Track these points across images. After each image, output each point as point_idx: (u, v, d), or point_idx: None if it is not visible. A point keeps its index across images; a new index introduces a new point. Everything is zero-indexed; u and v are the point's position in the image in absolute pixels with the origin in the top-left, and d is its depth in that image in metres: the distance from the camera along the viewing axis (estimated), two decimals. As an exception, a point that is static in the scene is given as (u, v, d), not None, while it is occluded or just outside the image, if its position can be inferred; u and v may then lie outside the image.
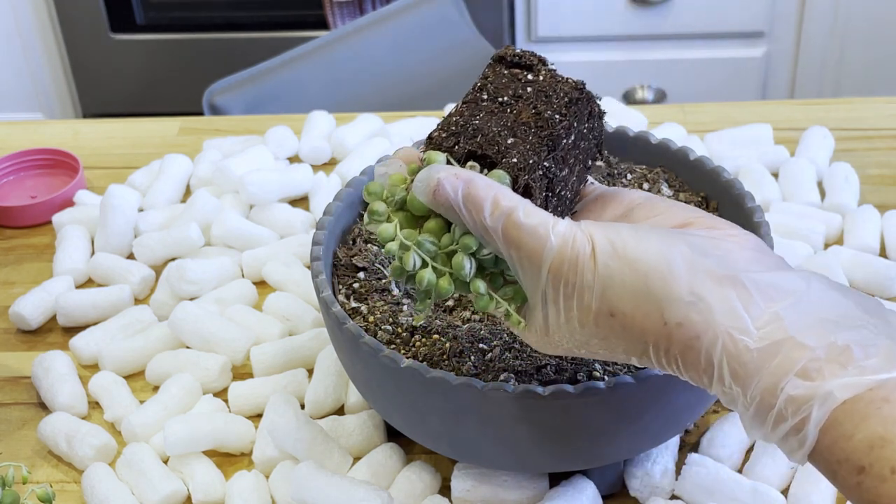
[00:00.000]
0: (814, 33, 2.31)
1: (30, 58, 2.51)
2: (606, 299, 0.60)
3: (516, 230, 0.61)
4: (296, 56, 1.71)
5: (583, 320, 0.61)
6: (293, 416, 0.83)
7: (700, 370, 0.59)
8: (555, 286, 0.61)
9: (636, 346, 0.61)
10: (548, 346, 0.64)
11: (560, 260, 0.61)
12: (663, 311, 0.59)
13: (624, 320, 0.60)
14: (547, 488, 0.80)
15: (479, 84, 0.71)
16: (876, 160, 1.17)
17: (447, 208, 0.62)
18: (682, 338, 0.59)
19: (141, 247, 1.05)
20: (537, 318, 0.63)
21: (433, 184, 0.62)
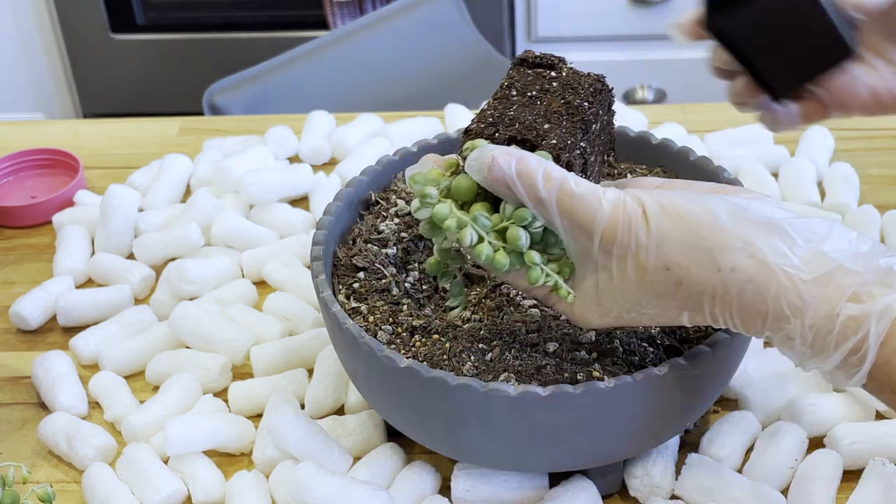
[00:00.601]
0: (814, 33, 2.31)
1: (30, 58, 2.51)
2: (661, 254, 0.64)
3: (569, 198, 0.65)
4: (296, 56, 1.71)
5: (639, 279, 0.65)
6: (293, 416, 0.83)
7: (754, 313, 0.63)
8: (608, 250, 0.65)
9: (690, 300, 0.65)
10: (594, 314, 0.68)
11: (613, 223, 0.65)
12: (717, 259, 0.63)
13: (679, 272, 0.64)
14: (547, 488, 0.80)
15: (505, 83, 0.75)
16: (876, 160, 1.17)
17: (501, 184, 0.66)
18: (737, 282, 0.63)
19: (141, 247, 1.05)
20: (587, 286, 0.67)
21: (488, 160, 0.66)
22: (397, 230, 0.86)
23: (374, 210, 0.89)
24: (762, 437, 0.84)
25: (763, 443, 0.83)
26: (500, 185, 0.66)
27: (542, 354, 0.75)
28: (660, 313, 0.67)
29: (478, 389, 0.71)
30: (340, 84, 1.72)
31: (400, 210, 0.87)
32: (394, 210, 0.88)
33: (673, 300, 0.65)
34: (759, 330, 0.65)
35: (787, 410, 0.86)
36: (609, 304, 0.67)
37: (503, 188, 0.66)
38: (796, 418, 0.85)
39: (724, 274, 0.63)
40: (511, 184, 0.66)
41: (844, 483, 0.81)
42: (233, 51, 2.42)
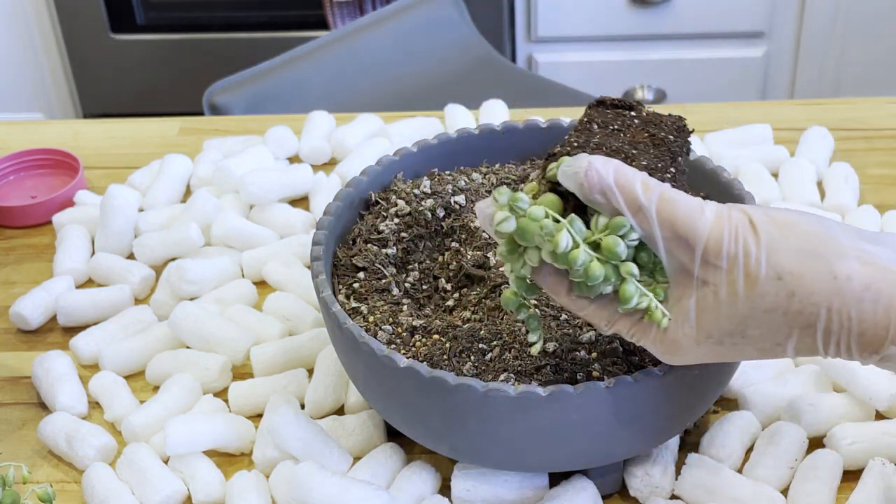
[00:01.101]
0: (814, 33, 2.31)
1: (30, 58, 2.51)
2: (773, 262, 0.61)
3: (671, 206, 0.62)
4: (296, 56, 1.71)
5: (748, 291, 0.61)
6: (293, 416, 0.83)
7: (874, 325, 0.60)
8: (713, 262, 0.61)
9: (803, 315, 0.61)
10: (690, 342, 0.64)
11: (718, 232, 0.61)
12: (832, 267, 0.60)
13: (792, 281, 0.60)
14: (547, 488, 0.80)
15: (584, 119, 0.72)
16: (876, 160, 1.17)
17: (597, 190, 0.62)
18: (855, 291, 0.60)
19: (141, 247, 1.05)
20: (684, 307, 0.63)
21: (584, 166, 0.62)
22: (397, 230, 0.86)
23: (374, 210, 0.89)
24: (762, 437, 0.84)
25: (763, 443, 0.83)
26: (595, 193, 0.62)
27: (541, 354, 0.75)
28: (765, 336, 0.62)
29: (478, 389, 0.71)
30: (340, 84, 1.72)
31: (400, 210, 0.87)
32: (394, 210, 0.88)
33: (783, 316, 0.61)
34: (880, 346, 0.61)
35: (787, 410, 0.86)
36: (709, 326, 0.63)
37: (599, 196, 0.62)
38: (796, 418, 0.85)
39: (841, 282, 0.60)
40: (608, 190, 0.62)
41: (844, 483, 0.81)
42: (233, 51, 2.42)
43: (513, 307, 0.69)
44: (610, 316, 0.67)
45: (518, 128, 0.93)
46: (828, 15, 2.28)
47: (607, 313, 0.67)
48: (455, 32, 1.86)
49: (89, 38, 2.44)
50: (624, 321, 0.66)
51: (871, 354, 0.62)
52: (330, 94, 1.68)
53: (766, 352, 0.64)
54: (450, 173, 0.92)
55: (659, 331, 0.65)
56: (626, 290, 0.64)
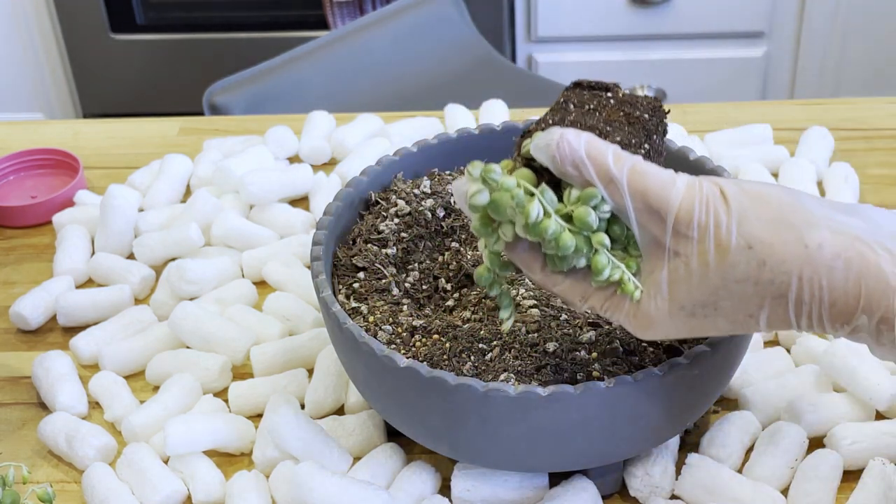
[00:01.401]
0: (814, 33, 2.31)
1: (30, 58, 2.51)
2: (744, 232, 0.61)
3: (642, 177, 0.62)
4: (296, 56, 1.71)
5: (719, 261, 0.61)
6: (293, 416, 0.83)
7: (845, 294, 0.60)
8: (684, 232, 0.62)
9: (774, 284, 0.61)
10: (662, 314, 0.64)
11: (689, 203, 0.62)
12: (803, 235, 0.61)
13: (763, 250, 0.61)
14: (547, 488, 0.80)
15: (561, 100, 0.73)
16: (876, 160, 1.17)
17: (569, 162, 0.63)
18: (825, 259, 0.60)
19: (141, 247, 1.05)
20: (656, 280, 0.64)
21: (556, 138, 0.63)
22: (397, 230, 0.86)
23: (374, 210, 0.89)
24: (762, 437, 0.84)
25: (763, 443, 0.83)
26: (567, 165, 0.63)
27: (542, 354, 0.75)
28: (737, 307, 0.63)
29: (478, 389, 0.71)
30: (340, 84, 1.72)
31: (400, 210, 0.87)
32: (394, 210, 0.88)
33: (755, 286, 0.61)
34: (850, 316, 0.61)
35: (787, 410, 0.86)
36: (682, 298, 0.63)
37: (571, 168, 0.63)
38: (796, 418, 0.85)
39: (811, 251, 0.60)
40: (580, 162, 0.63)
41: (844, 483, 0.81)
42: (233, 51, 2.42)
43: (485, 283, 0.70)
44: (584, 291, 0.67)
45: (518, 128, 0.93)
46: (828, 15, 2.28)
47: (581, 288, 0.67)
48: (455, 32, 1.86)
49: (89, 38, 2.44)
50: (598, 296, 0.67)
51: (842, 325, 0.62)
52: (330, 94, 1.68)
53: (739, 324, 0.64)
54: (450, 173, 0.92)
55: (632, 304, 0.65)
56: (598, 262, 0.64)
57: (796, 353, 0.91)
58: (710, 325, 0.64)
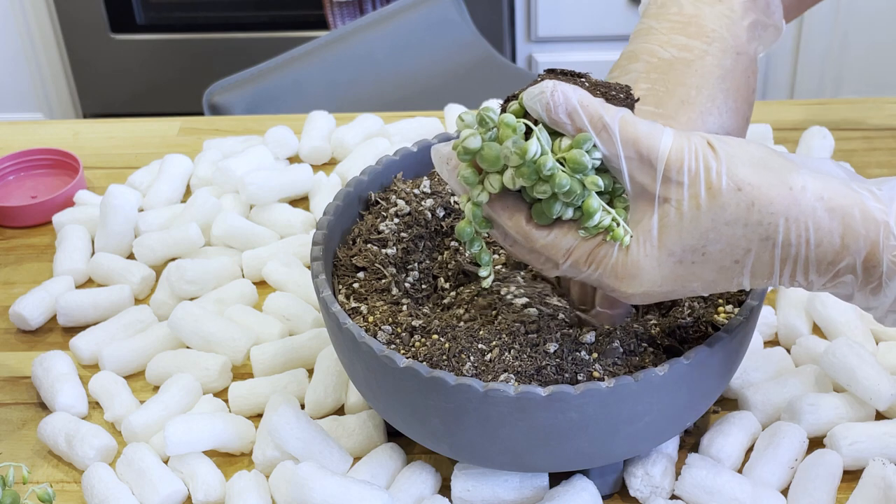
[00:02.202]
0: (814, 33, 2.31)
1: (30, 58, 2.51)
2: (732, 175, 0.63)
3: (633, 126, 0.64)
4: (296, 56, 1.71)
5: (710, 203, 0.63)
6: (293, 416, 0.83)
7: (830, 231, 0.63)
8: (674, 178, 0.64)
9: (762, 226, 0.63)
10: (651, 262, 0.65)
11: (679, 150, 0.64)
12: (787, 179, 0.63)
13: (752, 192, 0.63)
14: (547, 488, 0.80)
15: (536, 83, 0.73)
16: (876, 160, 1.17)
17: (563, 111, 0.64)
18: (809, 201, 0.63)
19: (141, 247, 1.05)
20: (645, 227, 0.65)
21: (550, 87, 0.65)
22: (397, 230, 0.86)
23: (374, 210, 0.89)
24: (762, 437, 0.84)
25: (763, 443, 0.83)
26: (561, 113, 0.64)
27: (542, 355, 0.75)
28: (725, 252, 0.64)
29: (478, 389, 0.71)
30: (340, 84, 1.72)
31: (400, 210, 0.87)
32: (394, 210, 0.88)
33: (744, 227, 0.63)
34: (836, 257, 0.63)
35: (787, 410, 0.86)
36: (671, 243, 0.64)
37: (564, 116, 0.64)
38: (796, 418, 0.85)
39: (796, 193, 0.63)
40: (573, 110, 0.64)
41: (844, 483, 0.81)
42: (233, 51, 2.42)
43: (466, 238, 0.70)
44: (568, 245, 0.67)
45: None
46: (828, 14, 2.28)
47: (566, 242, 0.67)
48: (455, 32, 1.86)
49: (89, 38, 2.44)
50: (582, 248, 0.67)
51: (826, 269, 0.64)
52: (330, 94, 1.68)
53: (725, 271, 0.65)
54: (450, 173, 0.92)
55: (619, 254, 0.66)
56: (590, 205, 0.65)
57: (796, 353, 0.91)
58: (696, 274, 0.66)
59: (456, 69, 1.83)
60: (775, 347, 0.92)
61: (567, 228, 0.67)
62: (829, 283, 0.65)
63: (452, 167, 0.69)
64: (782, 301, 0.95)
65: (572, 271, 0.69)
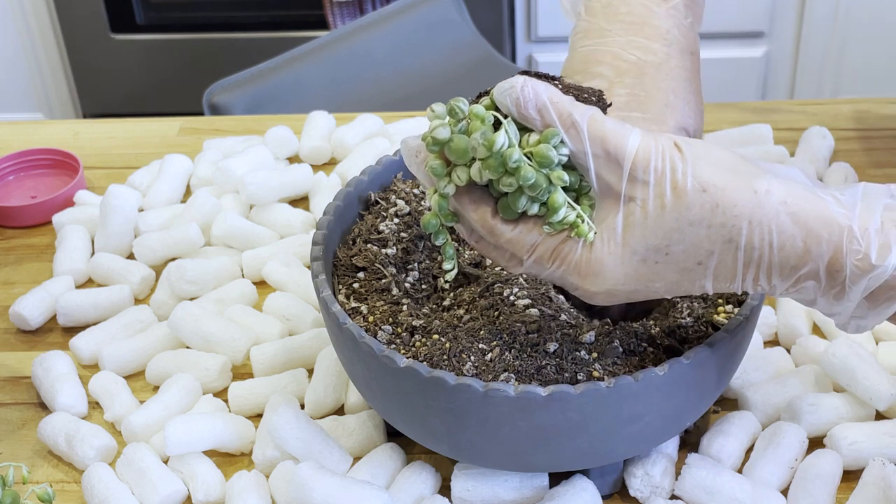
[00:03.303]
0: (814, 33, 2.31)
1: (30, 58, 2.51)
2: (698, 175, 0.63)
3: (601, 125, 0.64)
4: (296, 56, 1.71)
5: (675, 202, 0.63)
6: (293, 416, 0.83)
7: (793, 235, 0.63)
8: (640, 178, 0.64)
9: (725, 228, 0.63)
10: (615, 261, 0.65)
11: (646, 150, 0.64)
12: (752, 182, 0.63)
13: (716, 193, 0.63)
14: (547, 488, 0.80)
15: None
16: (876, 160, 1.17)
17: (532, 106, 0.65)
18: (773, 204, 0.63)
19: (141, 247, 1.05)
20: (610, 224, 0.65)
21: (521, 83, 0.65)
22: (397, 230, 0.86)
23: (374, 210, 0.89)
24: (762, 437, 0.84)
25: (763, 443, 0.83)
26: (531, 108, 0.65)
27: (542, 354, 0.75)
28: (688, 252, 0.64)
29: (478, 389, 0.71)
30: (340, 84, 1.72)
31: (400, 210, 0.87)
32: (394, 210, 0.88)
33: (708, 229, 0.63)
34: (799, 261, 0.63)
35: (787, 410, 0.86)
36: (635, 242, 0.65)
37: (533, 111, 0.65)
38: (796, 418, 0.85)
39: (760, 196, 0.63)
40: (542, 106, 0.65)
41: (844, 483, 0.81)
42: (233, 51, 2.42)
43: (432, 230, 0.70)
44: (533, 241, 0.68)
45: (518, 128, 0.93)
46: (828, 15, 2.28)
47: (530, 238, 0.68)
48: (455, 32, 1.86)
49: (89, 38, 2.44)
50: (546, 244, 0.67)
51: (789, 273, 0.64)
52: (330, 94, 1.68)
53: (688, 273, 0.65)
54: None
55: (583, 251, 0.66)
56: (555, 200, 0.66)
57: (796, 353, 0.91)
58: (659, 273, 0.66)
59: (456, 69, 1.83)
60: (775, 347, 0.92)
61: (532, 224, 0.68)
62: (791, 287, 0.66)
63: (421, 160, 0.70)
64: (782, 301, 0.95)
65: (536, 268, 0.69)
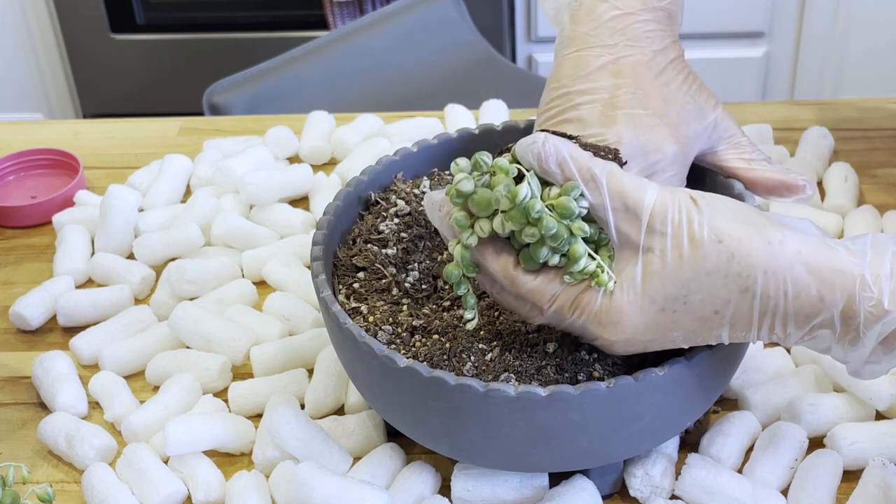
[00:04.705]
0: (814, 33, 2.31)
1: (30, 58, 2.51)
2: (714, 227, 0.66)
3: (619, 179, 0.67)
4: (296, 56, 1.71)
5: (692, 253, 0.66)
6: (293, 416, 0.83)
7: (807, 285, 0.65)
8: (659, 229, 0.66)
9: (741, 277, 0.65)
10: (634, 309, 0.67)
11: (663, 203, 0.67)
12: (766, 233, 0.66)
13: (732, 244, 0.65)
14: (547, 488, 0.80)
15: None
16: (876, 160, 1.17)
17: (553, 161, 0.68)
18: (787, 255, 0.65)
19: (141, 247, 1.05)
20: (628, 275, 0.67)
21: (542, 139, 0.68)
22: (397, 230, 0.86)
23: (374, 210, 0.89)
24: (762, 437, 0.84)
25: (763, 443, 0.83)
26: (551, 162, 0.68)
27: (542, 354, 0.75)
28: (705, 301, 0.66)
29: (478, 389, 0.71)
30: (340, 84, 1.72)
31: (400, 210, 0.87)
32: (394, 210, 0.88)
33: (724, 278, 0.66)
34: (813, 310, 0.65)
35: (787, 410, 0.86)
36: (654, 291, 0.67)
37: (554, 166, 0.68)
38: (796, 418, 0.85)
39: (774, 247, 0.65)
40: (563, 161, 0.67)
41: (844, 483, 0.81)
42: (233, 51, 2.42)
43: (454, 280, 0.72)
44: (554, 290, 0.70)
45: (518, 128, 0.93)
46: (828, 15, 2.28)
47: (551, 288, 0.70)
48: (455, 32, 1.86)
49: (89, 38, 2.44)
50: (567, 295, 0.69)
51: (804, 322, 0.66)
52: (330, 94, 1.68)
53: (705, 322, 0.67)
54: (448, 173, 0.92)
55: (603, 300, 0.68)
56: (576, 250, 0.68)
57: (796, 353, 0.91)
58: (678, 321, 0.67)
59: (456, 69, 1.83)
60: (775, 347, 0.92)
61: (553, 275, 0.70)
62: (806, 335, 0.67)
63: (444, 213, 0.72)
64: (782, 301, 0.95)
65: (556, 318, 0.71)
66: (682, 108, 0.77)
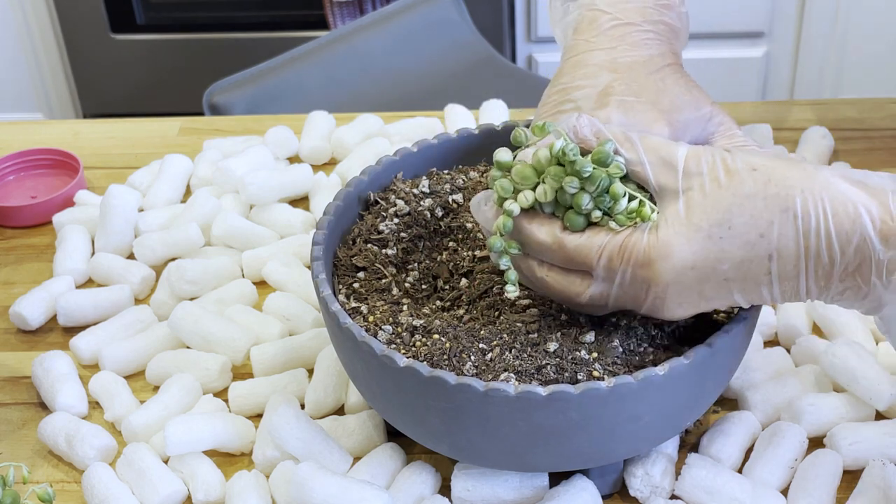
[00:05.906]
0: (814, 33, 2.31)
1: (30, 58, 2.51)
2: (747, 158, 0.70)
3: (651, 139, 0.72)
4: (296, 56, 1.71)
5: (728, 181, 0.69)
6: (293, 416, 0.83)
7: (844, 204, 0.67)
8: (696, 171, 0.70)
9: (780, 197, 0.68)
10: (682, 238, 0.70)
11: (696, 151, 0.71)
12: (799, 163, 0.69)
13: (767, 171, 0.69)
14: (547, 488, 0.80)
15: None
16: (876, 160, 1.17)
17: (590, 130, 0.72)
18: (822, 178, 0.68)
19: (141, 247, 1.05)
20: (671, 213, 0.70)
21: (575, 115, 0.73)
22: (397, 230, 0.86)
23: (374, 210, 0.89)
24: (762, 437, 0.84)
25: (763, 443, 0.83)
26: (587, 132, 0.72)
27: (542, 354, 0.75)
28: (749, 225, 0.68)
29: (478, 389, 0.71)
30: (340, 84, 1.72)
31: (400, 210, 0.87)
32: (393, 210, 0.88)
33: (763, 200, 0.68)
34: (850, 228, 0.67)
35: (787, 410, 0.86)
36: (698, 219, 0.69)
37: (590, 135, 0.72)
38: (796, 418, 0.85)
39: (809, 172, 0.69)
40: (598, 131, 0.72)
41: (844, 483, 0.81)
42: (233, 51, 2.42)
43: (497, 249, 0.73)
44: (601, 242, 0.72)
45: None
46: (828, 15, 2.28)
47: (598, 239, 0.72)
48: (455, 32, 1.86)
49: (89, 38, 2.44)
50: (614, 242, 0.71)
51: (846, 244, 0.68)
52: (330, 94, 1.68)
53: (752, 248, 0.69)
54: (448, 172, 0.92)
55: (649, 237, 0.70)
56: (615, 190, 0.71)
57: (796, 353, 0.91)
58: (725, 251, 0.69)
59: (456, 69, 1.83)
60: (775, 347, 0.92)
61: (598, 229, 0.72)
62: (850, 266, 0.68)
63: (489, 207, 0.75)
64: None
65: (607, 272, 0.72)
66: (676, 97, 0.79)
